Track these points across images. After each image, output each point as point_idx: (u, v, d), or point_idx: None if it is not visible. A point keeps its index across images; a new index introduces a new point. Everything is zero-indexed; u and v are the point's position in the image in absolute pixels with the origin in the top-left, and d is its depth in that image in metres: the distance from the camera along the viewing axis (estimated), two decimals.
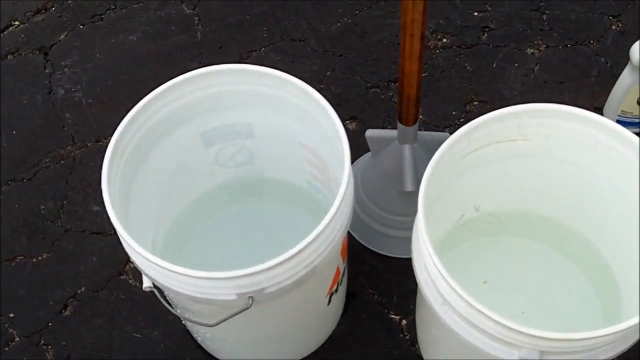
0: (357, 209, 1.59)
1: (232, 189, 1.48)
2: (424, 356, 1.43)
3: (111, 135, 1.16)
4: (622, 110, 1.64)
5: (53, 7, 2.04)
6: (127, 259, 1.55)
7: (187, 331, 1.48)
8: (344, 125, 1.17)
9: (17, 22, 2.01)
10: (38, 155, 1.75)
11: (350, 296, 1.52)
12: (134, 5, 2.03)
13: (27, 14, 2.02)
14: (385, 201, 1.56)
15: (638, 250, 1.20)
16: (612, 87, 1.65)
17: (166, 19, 2.00)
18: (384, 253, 1.57)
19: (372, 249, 1.58)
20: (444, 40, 1.91)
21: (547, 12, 1.95)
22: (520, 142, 1.23)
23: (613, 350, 1.04)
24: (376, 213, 1.58)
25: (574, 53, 1.87)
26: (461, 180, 1.25)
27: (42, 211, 1.67)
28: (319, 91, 1.19)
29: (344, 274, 1.35)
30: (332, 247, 1.12)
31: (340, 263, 1.27)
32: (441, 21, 1.94)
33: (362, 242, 1.59)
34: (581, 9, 1.95)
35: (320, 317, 1.41)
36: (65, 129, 1.80)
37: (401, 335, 1.49)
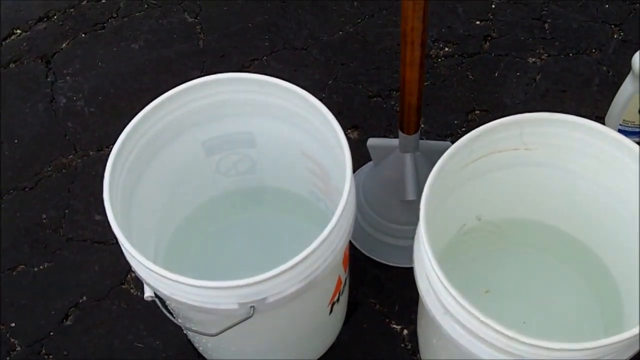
0: (359, 218, 1.59)
1: (234, 198, 1.48)
2: None
3: (113, 144, 1.16)
4: (623, 120, 1.64)
5: (55, 15, 2.04)
6: (128, 268, 1.55)
7: (189, 341, 1.47)
8: (346, 134, 1.17)
9: (19, 31, 2.01)
10: (40, 164, 1.76)
11: (351, 306, 1.51)
12: (136, 14, 2.03)
13: (29, 22, 2.03)
14: (387, 210, 1.56)
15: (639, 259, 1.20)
16: (614, 96, 1.65)
17: (168, 28, 2.00)
18: (385, 262, 1.57)
19: (374, 258, 1.58)
20: (446, 49, 1.91)
21: (548, 20, 1.95)
22: (522, 151, 1.23)
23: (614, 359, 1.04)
24: (378, 222, 1.57)
25: (575, 62, 1.87)
26: (463, 190, 1.25)
27: (44, 220, 1.67)
28: (320, 100, 1.19)
29: (345, 283, 1.35)
30: (333, 256, 1.12)
31: (341, 272, 1.27)
32: (443, 30, 1.94)
33: (364, 252, 1.58)
34: (583, 17, 1.95)
35: (322, 327, 1.41)
36: (67, 137, 1.80)
37: (402, 345, 1.48)
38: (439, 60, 1.89)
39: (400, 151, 1.48)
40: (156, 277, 1.08)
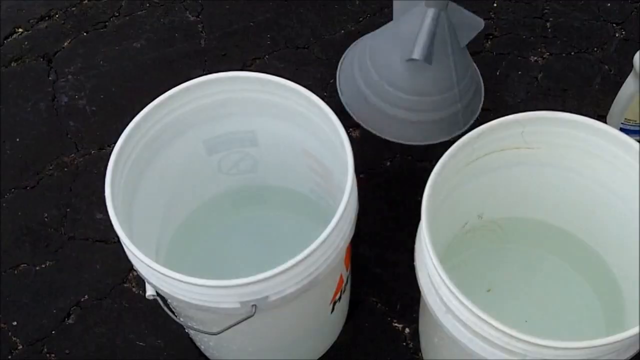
0: (362, 86, 1.51)
1: (236, 196, 1.48)
2: None
3: (115, 142, 1.16)
4: (625, 118, 1.64)
5: (57, 14, 2.04)
6: (130, 267, 1.55)
7: (191, 340, 1.47)
8: (348, 133, 1.16)
9: (20, 29, 2.01)
10: (41, 162, 1.75)
11: (353, 304, 1.51)
12: (138, 13, 2.03)
13: (31, 20, 2.03)
14: (392, 73, 1.44)
15: None
16: (616, 95, 1.65)
17: (170, 26, 2.00)
18: (390, 139, 1.49)
19: (375, 132, 1.51)
20: None
21: (550, 19, 1.95)
22: (523, 150, 1.23)
23: (615, 358, 1.04)
24: (381, 88, 1.47)
25: (577, 61, 1.87)
26: (465, 188, 1.25)
27: (46, 219, 1.67)
28: (322, 99, 1.19)
29: (347, 282, 1.35)
30: (335, 255, 1.12)
31: (343, 271, 1.27)
32: None
33: (365, 127, 1.51)
34: (585, 16, 1.95)
35: (324, 326, 1.41)
36: (69, 136, 1.80)
37: (404, 344, 1.48)
38: None
39: (425, 4, 1.33)
40: (158, 275, 1.08)
